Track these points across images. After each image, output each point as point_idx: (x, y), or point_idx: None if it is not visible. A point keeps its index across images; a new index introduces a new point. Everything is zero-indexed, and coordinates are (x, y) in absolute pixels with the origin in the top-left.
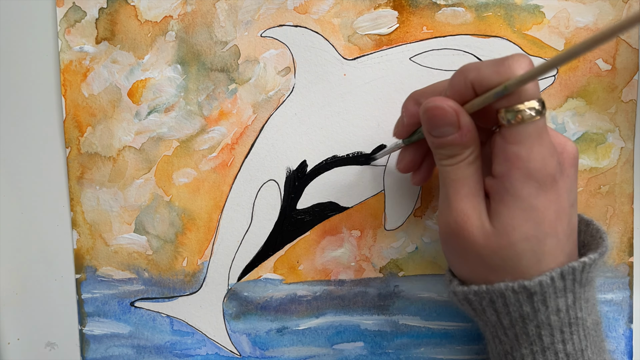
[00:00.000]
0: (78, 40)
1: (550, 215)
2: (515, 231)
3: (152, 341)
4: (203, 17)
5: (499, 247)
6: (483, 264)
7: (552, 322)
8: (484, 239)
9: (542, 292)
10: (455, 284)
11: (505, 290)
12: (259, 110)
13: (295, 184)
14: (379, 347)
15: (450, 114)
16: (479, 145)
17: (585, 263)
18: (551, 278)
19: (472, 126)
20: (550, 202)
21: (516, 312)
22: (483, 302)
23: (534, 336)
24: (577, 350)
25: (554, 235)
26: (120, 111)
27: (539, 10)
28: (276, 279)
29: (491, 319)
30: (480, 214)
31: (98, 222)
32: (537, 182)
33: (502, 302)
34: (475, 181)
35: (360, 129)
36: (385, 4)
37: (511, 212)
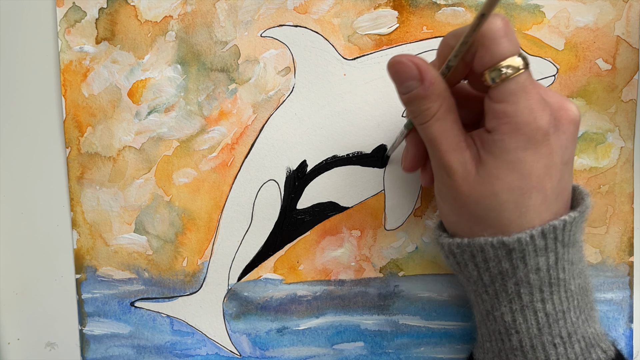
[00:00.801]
0: (78, 40)
1: (539, 170)
2: (499, 180)
3: (152, 341)
4: (203, 17)
5: (482, 195)
6: (468, 214)
7: (531, 281)
8: (469, 187)
9: (521, 250)
10: (443, 236)
11: (485, 244)
12: (259, 110)
13: (295, 184)
14: (379, 347)
15: (411, 67)
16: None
17: (566, 221)
18: (531, 236)
19: (437, 79)
20: (539, 156)
21: (495, 269)
22: (465, 255)
23: (513, 294)
24: (558, 312)
25: (541, 190)
26: (120, 111)
27: (539, 10)
28: (276, 279)
29: (472, 274)
30: (465, 165)
31: (98, 222)
32: (526, 135)
33: (481, 257)
34: (453, 134)
35: (360, 129)
36: (385, 4)
37: (497, 162)
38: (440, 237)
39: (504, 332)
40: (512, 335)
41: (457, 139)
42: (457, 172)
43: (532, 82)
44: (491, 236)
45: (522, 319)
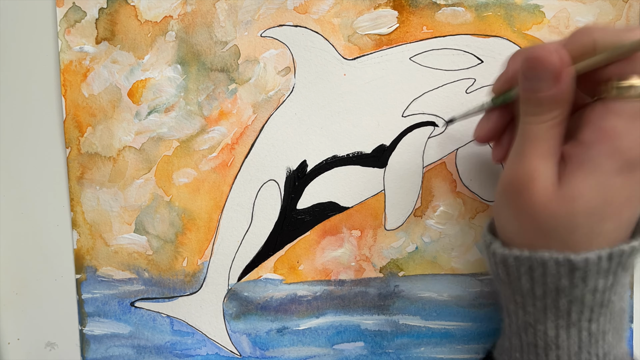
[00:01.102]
0: (78, 40)
1: (622, 198)
2: (580, 201)
3: (152, 341)
4: (203, 17)
5: (558, 213)
6: (535, 226)
7: (585, 300)
8: (546, 200)
9: (586, 269)
10: (497, 245)
11: (549, 260)
12: (259, 110)
13: (295, 184)
14: (379, 347)
15: (556, 67)
16: (569, 109)
17: (635, 248)
18: (599, 257)
19: (571, 87)
20: (627, 185)
21: (552, 284)
22: (521, 268)
23: (563, 310)
24: (600, 332)
25: (618, 219)
26: (120, 111)
27: (539, 10)
28: (276, 279)
29: (524, 286)
30: (550, 176)
31: (98, 222)
32: (624, 161)
33: (541, 272)
34: (555, 144)
35: (360, 129)
36: (385, 4)
37: (584, 182)
38: (492, 244)
39: (542, 346)
40: (551, 350)
41: (556, 149)
42: (540, 180)
43: None
44: (556, 252)
45: (565, 335)
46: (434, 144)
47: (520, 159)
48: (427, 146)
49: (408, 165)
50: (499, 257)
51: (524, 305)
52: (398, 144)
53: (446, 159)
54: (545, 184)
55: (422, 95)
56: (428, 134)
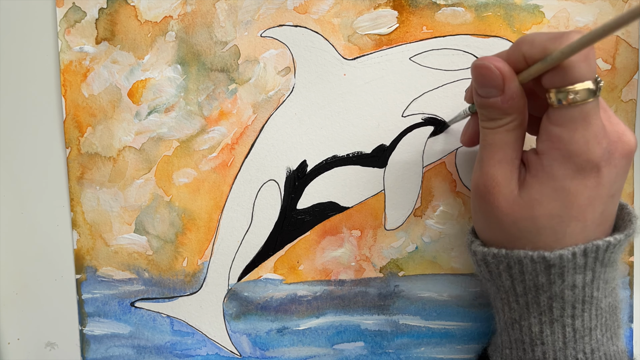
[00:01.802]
0: (78, 40)
1: (582, 200)
2: (540, 206)
3: (152, 341)
4: (203, 17)
5: (521, 217)
6: (503, 230)
7: (565, 296)
8: (508, 206)
9: (561, 266)
10: (477, 244)
11: (524, 258)
12: (259, 110)
13: (295, 184)
14: (379, 347)
15: (497, 75)
16: (523, 115)
17: (610, 243)
18: (573, 253)
19: (518, 94)
20: (585, 188)
21: (531, 281)
22: (500, 265)
23: (544, 307)
24: (586, 328)
25: (581, 220)
26: (120, 111)
27: (539, 10)
28: (276, 279)
29: (505, 284)
30: (510, 182)
31: (98, 223)
32: (575, 165)
33: (518, 269)
34: (512, 149)
35: (360, 129)
36: (385, 4)
37: (541, 188)
38: (473, 243)
39: (529, 342)
40: (537, 346)
41: (514, 154)
42: (500, 187)
43: (596, 111)
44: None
45: (549, 331)
46: (434, 144)
47: (481, 166)
48: (427, 146)
49: (408, 165)
50: (479, 256)
51: (508, 302)
52: (398, 144)
53: (446, 159)
54: (506, 190)
55: (422, 95)
56: (428, 134)
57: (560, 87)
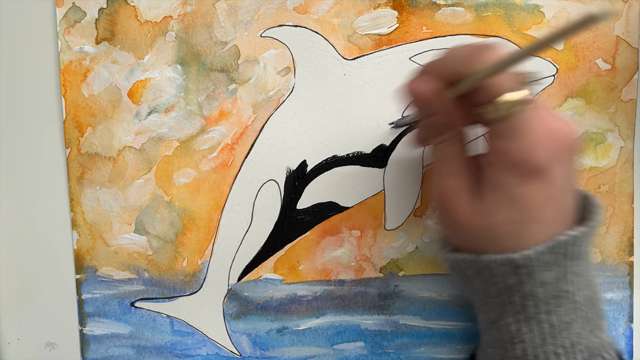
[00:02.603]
0: (78, 40)
1: (537, 203)
2: (496, 214)
3: (152, 341)
4: (203, 17)
5: (479, 226)
6: (467, 237)
7: (537, 294)
8: (465, 216)
9: (528, 265)
10: (447, 250)
11: (491, 262)
12: (259, 110)
13: (295, 184)
14: (380, 347)
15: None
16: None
17: (576, 237)
18: (538, 252)
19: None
20: (535, 191)
21: (502, 283)
22: (469, 270)
23: (518, 306)
24: (563, 323)
25: (539, 221)
26: (120, 111)
27: (539, 10)
28: (276, 279)
29: (478, 287)
30: (463, 193)
31: (98, 223)
32: (519, 172)
33: (488, 273)
34: (458, 161)
35: (360, 129)
36: (385, 4)
37: (494, 197)
38: (443, 249)
39: (508, 340)
40: (516, 344)
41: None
42: (454, 198)
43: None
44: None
45: (526, 329)
46: None
47: (437, 178)
48: (427, 146)
49: (408, 165)
50: (450, 262)
51: (484, 303)
52: (398, 144)
53: None
54: (460, 201)
55: None
56: None
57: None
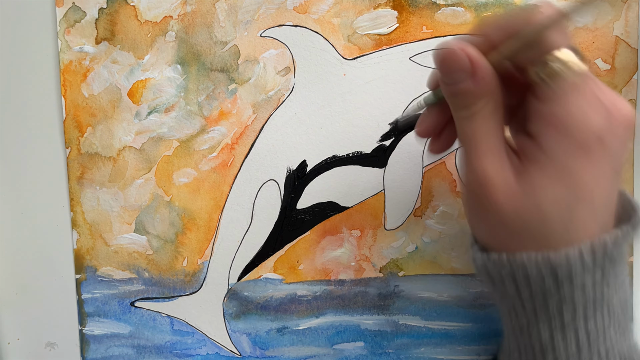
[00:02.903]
0: (78, 40)
1: (588, 180)
2: (543, 192)
3: (152, 341)
4: (203, 17)
5: (523, 208)
6: (505, 227)
7: (575, 299)
8: (507, 199)
9: (568, 267)
10: (476, 249)
11: (527, 262)
12: (259, 110)
13: (295, 184)
14: (379, 347)
15: (463, 57)
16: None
17: (618, 236)
18: (580, 252)
19: (489, 75)
20: (590, 165)
21: (537, 286)
22: (502, 271)
23: (554, 312)
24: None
25: (590, 202)
26: (120, 111)
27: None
28: (276, 279)
29: (509, 290)
30: (503, 172)
31: (98, 222)
32: (577, 141)
33: (522, 274)
34: (495, 136)
35: (360, 129)
36: (385, 4)
37: (542, 172)
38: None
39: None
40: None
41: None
42: (493, 180)
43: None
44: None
45: (560, 337)
46: None
47: (467, 162)
48: (427, 146)
49: (408, 165)
50: (479, 262)
51: (513, 308)
52: (398, 144)
53: (446, 159)
54: (500, 181)
55: (422, 95)
56: None
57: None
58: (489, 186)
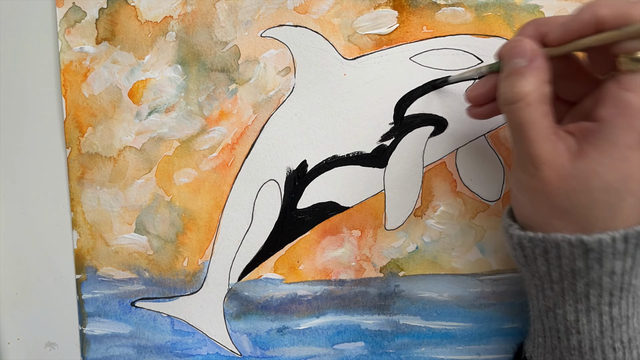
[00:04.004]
0: (78, 40)
1: None
2: (597, 177)
3: (152, 341)
4: (203, 17)
5: (574, 190)
6: (550, 206)
7: (603, 283)
8: (559, 180)
9: (600, 251)
10: (514, 227)
11: (562, 241)
12: (259, 110)
13: (296, 184)
14: (380, 347)
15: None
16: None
17: None
18: (612, 238)
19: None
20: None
21: (568, 266)
22: (536, 250)
23: (581, 294)
24: (623, 316)
25: (637, 195)
26: (120, 111)
27: (539, 10)
28: (277, 279)
29: (541, 269)
30: (558, 155)
31: (98, 222)
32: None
33: (555, 254)
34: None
35: (360, 129)
36: (385, 4)
37: (601, 158)
38: (510, 227)
39: (564, 330)
40: (572, 334)
41: (548, 129)
42: (547, 163)
43: None
44: (569, 233)
45: (585, 319)
46: (434, 144)
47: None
48: (427, 146)
49: (408, 165)
50: (515, 239)
51: (542, 288)
52: (398, 144)
53: (446, 159)
54: (555, 164)
55: (422, 95)
56: (428, 134)
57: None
58: (544, 168)
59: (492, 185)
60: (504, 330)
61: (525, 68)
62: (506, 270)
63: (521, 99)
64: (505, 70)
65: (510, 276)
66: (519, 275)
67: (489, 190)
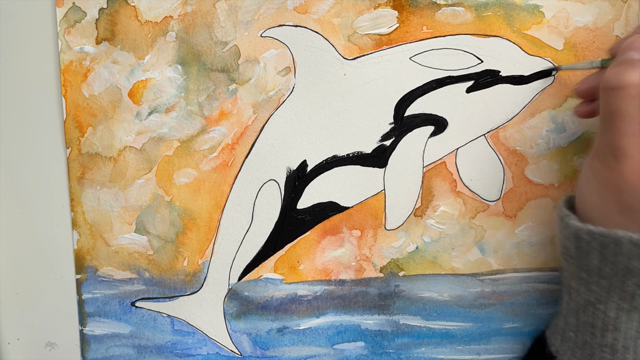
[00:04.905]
0: (78, 40)
1: None
2: None
3: (153, 341)
4: (203, 18)
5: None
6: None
7: None
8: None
9: None
10: (572, 217)
11: (623, 238)
12: (259, 110)
13: (296, 184)
14: (380, 346)
15: None
16: None
17: None
18: None
19: None
20: None
21: (622, 264)
22: (593, 243)
23: (628, 292)
24: None
25: None
26: (120, 111)
27: (539, 10)
28: (277, 279)
29: (591, 263)
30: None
31: (99, 223)
32: None
33: (613, 250)
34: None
35: (360, 129)
36: (385, 4)
37: None
38: (567, 217)
39: (600, 326)
40: (608, 331)
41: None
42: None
43: None
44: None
45: (626, 318)
46: (434, 144)
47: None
48: (427, 146)
49: (408, 165)
50: (571, 230)
51: (588, 282)
52: (398, 144)
53: (446, 159)
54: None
55: (422, 95)
56: (428, 134)
57: None
58: (623, 162)
59: (492, 185)
60: (504, 330)
61: (638, 62)
62: (506, 270)
63: (624, 88)
64: (618, 59)
65: (510, 276)
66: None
67: (489, 190)
